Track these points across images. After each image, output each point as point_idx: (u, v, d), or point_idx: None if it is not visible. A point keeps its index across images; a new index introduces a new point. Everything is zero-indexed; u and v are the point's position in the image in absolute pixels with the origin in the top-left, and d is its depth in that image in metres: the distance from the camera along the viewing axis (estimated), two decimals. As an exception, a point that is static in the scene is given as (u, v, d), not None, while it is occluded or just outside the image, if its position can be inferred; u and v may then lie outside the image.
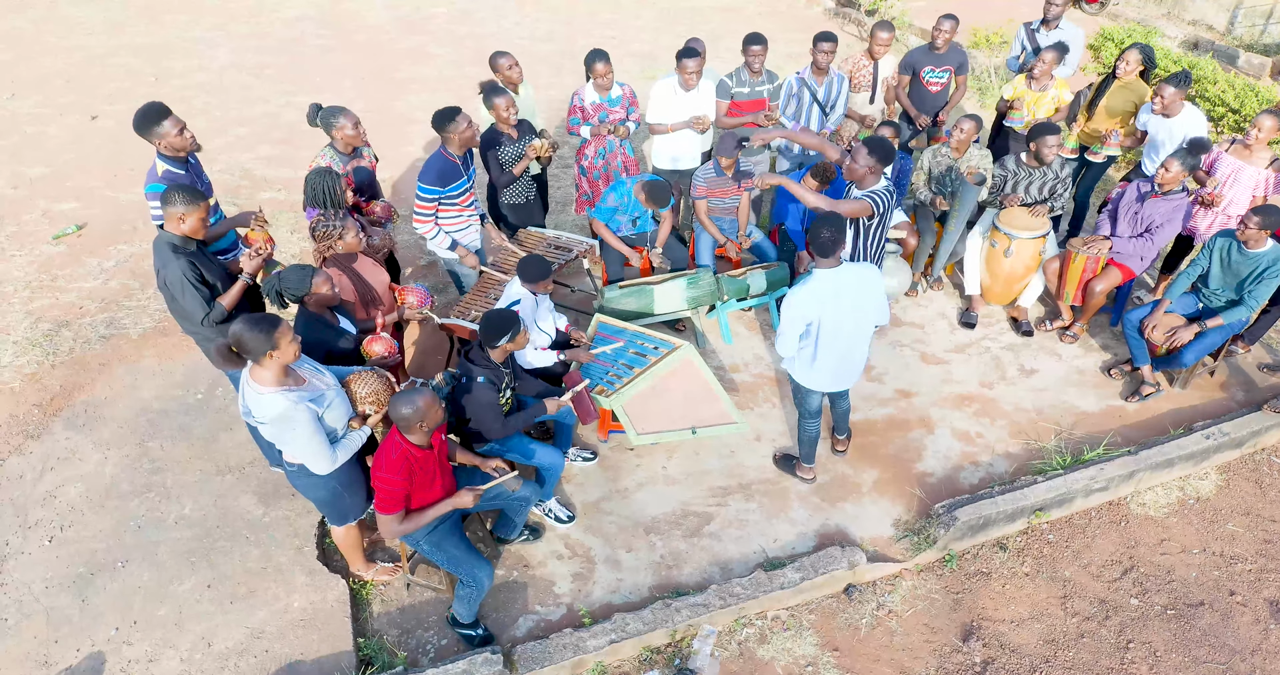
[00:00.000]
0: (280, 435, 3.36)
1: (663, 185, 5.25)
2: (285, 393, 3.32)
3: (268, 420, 3.32)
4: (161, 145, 4.12)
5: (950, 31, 6.20)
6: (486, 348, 3.96)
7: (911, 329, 6.00)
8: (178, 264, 3.68)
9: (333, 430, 3.47)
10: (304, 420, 3.30)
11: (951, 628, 4.23)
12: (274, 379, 3.32)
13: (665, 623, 3.96)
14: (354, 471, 3.69)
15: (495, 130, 5.33)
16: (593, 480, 4.83)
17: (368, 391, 3.59)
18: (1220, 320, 4.97)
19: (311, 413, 3.31)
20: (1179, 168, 5.06)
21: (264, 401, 3.31)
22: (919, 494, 4.81)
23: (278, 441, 3.42)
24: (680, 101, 5.80)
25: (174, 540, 4.35)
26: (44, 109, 8.93)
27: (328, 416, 3.40)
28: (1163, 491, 4.95)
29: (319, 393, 3.41)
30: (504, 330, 3.89)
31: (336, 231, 4.14)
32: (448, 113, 4.78)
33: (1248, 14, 10.91)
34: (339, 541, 4.06)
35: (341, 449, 3.52)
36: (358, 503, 3.80)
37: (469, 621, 3.90)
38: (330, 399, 3.43)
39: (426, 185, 4.85)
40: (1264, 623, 4.29)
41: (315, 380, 3.49)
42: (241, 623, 3.97)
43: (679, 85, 5.75)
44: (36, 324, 5.80)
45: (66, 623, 3.99)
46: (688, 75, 5.66)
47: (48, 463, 4.78)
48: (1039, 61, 5.98)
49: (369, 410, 3.60)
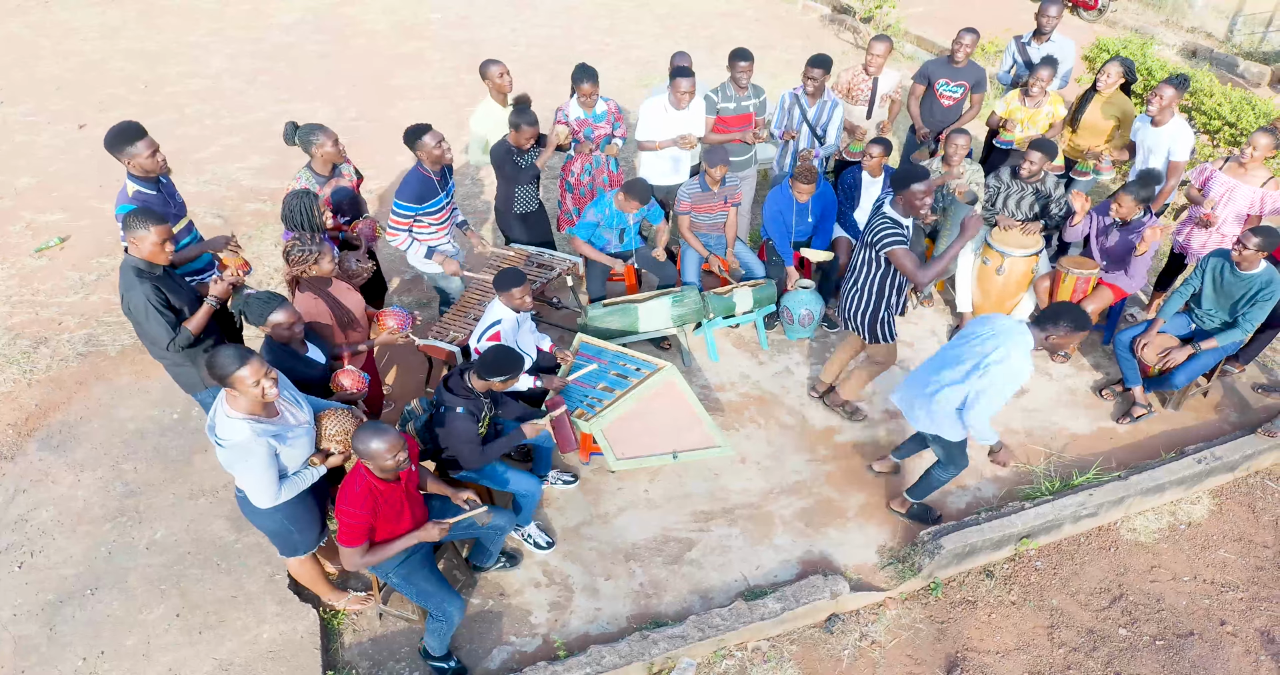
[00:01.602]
0: (233, 463, 3.32)
1: (641, 182, 5.18)
2: (252, 422, 3.26)
3: (226, 445, 3.28)
4: (130, 165, 4.05)
5: (971, 46, 6.07)
6: (475, 378, 3.87)
7: (900, 347, 5.91)
8: (141, 289, 3.61)
9: (285, 468, 3.40)
10: (260, 454, 3.24)
11: (935, 659, 4.15)
12: (246, 408, 3.27)
13: (642, 656, 3.88)
14: (303, 507, 3.59)
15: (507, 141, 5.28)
16: (573, 504, 4.75)
17: (337, 430, 3.52)
18: (1215, 342, 4.88)
19: (270, 449, 3.25)
20: (1131, 201, 5.00)
21: (229, 426, 3.27)
22: (905, 519, 4.72)
23: (229, 467, 3.37)
24: (670, 119, 5.71)
25: (144, 567, 4.29)
26: (35, 117, 8.87)
27: (286, 453, 3.34)
28: (1153, 516, 4.86)
29: (286, 428, 3.35)
30: (505, 370, 3.81)
31: (312, 256, 4.06)
32: (417, 130, 4.74)
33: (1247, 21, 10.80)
34: (295, 574, 3.98)
35: (288, 486, 3.44)
36: (308, 538, 3.71)
37: (441, 654, 3.83)
38: (296, 436, 3.37)
39: (403, 201, 4.80)
40: (1254, 654, 4.20)
41: (289, 414, 3.43)
42: (210, 654, 3.90)
43: (670, 103, 5.66)
44: (15, 341, 5.74)
45: (34, 652, 3.92)
46: (680, 94, 5.57)
47: (20, 485, 4.72)
48: (1035, 79, 5.87)
49: (333, 448, 3.53)
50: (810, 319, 5.71)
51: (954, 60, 6.18)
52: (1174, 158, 5.54)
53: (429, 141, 4.74)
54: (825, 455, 5.09)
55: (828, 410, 5.38)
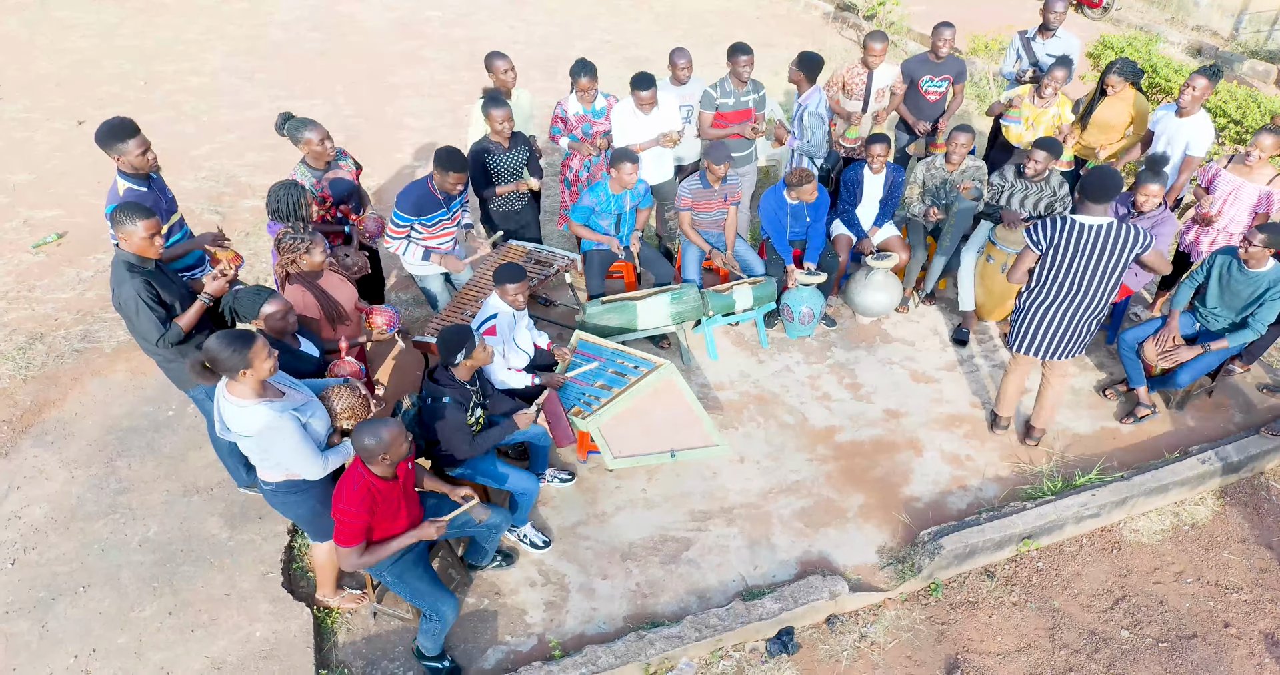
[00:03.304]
0: (267, 447, 3.28)
1: (626, 150, 5.12)
2: (268, 403, 3.26)
3: (252, 432, 3.25)
4: (121, 162, 4.01)
5: (950, 40, 6.07)
6: (448, 366, 3.85)
7: (902, 346, 5.87)
8: (132, 284, 3.58)
9: (318, 437, 3.41)
10: (290, 428, 3.24)
11: (935, 661, 4.10)
12: (253, 392, 3.25)
13: (638, 656, 3.84)
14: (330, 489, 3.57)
15: (487, 139, 5.22)
16: (570, 503, 4.71)
17: (343, 406, 3.54)
18: (1225, 343, 4.82)
19: (296, 420, 3.27)
20: (1156, 188, 4.90)
21: (245, 414, 3.25)
22: (905, 519, 4.68)
23: (264, 454, 3.33)
24: (642, 122, 5.61)
25: (137, 564, 4.25)
26: (32, 113, 8.84)
27: (312, 423, 3.36)
28: (1157, 517, 4.81)
29: (301, 403, 3.35)
30: (458, 345, 3.79)
31: (303, 246, 4.01)
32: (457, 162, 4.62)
33: (1252, 20, 10.73)
34: (317, 559, 3.96)
35: (334, 454, 3.46)
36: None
37: (435, 653, 3.78)
38: (312, 409, 3.38)
39: (403, 213, 4.72)
40: (1258, 656, 4.15)
41: (294, 393, 3.44)
42: (202, 652, 3.86)
43: (634, 108, 5.58)
44: (11, 337, 5.70)
45: (25, 649, 3.89)
46: (642, 104, 5.46)
47: (14, 482, 4.68)
48: (1049, 80, 5.81)
49: (346, 425, 3.55)
50: (811, 317, 5.66)
51: (935, 56, 6.16)
52: (1191, 152, 5.48)
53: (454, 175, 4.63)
54: (825, 455, 5.04)
55: (829, 412, 5.33)
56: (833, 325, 6.02)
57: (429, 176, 4.75)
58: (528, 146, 5.37)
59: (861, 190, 5.79)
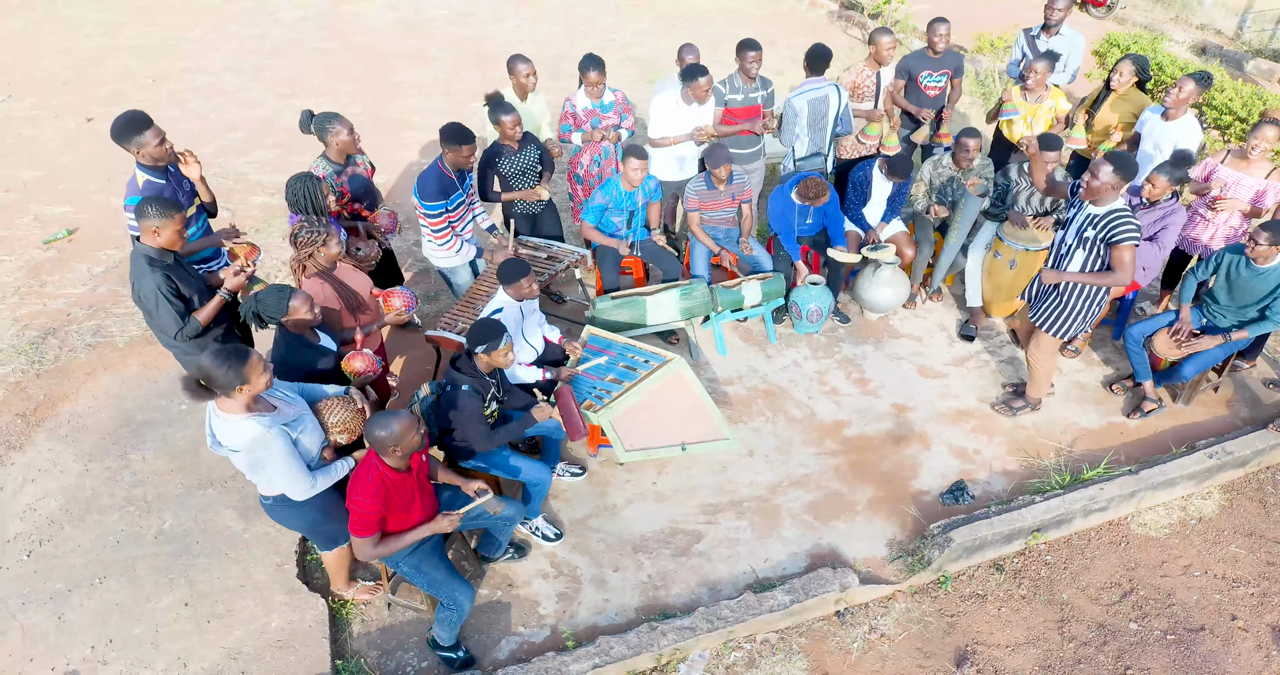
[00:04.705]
0: (256, 463, 3.26)
1: (634, 146, 5.16)
2: (256, 418, 3.23)
3: (241, 447, 3.23)
4: (140, 155, 4.05)
5: (947, 34, 6.11)
6: (471, 355, 3.88)
7: (909, 342, 5.90)
8: (152, 277, 3.61)
9: (309, 454, 3.38)
10: (279, 445, 3.21)
11: (945, 652, 4.13)
12: (242, 406, 3.23)
13: (650, 647, 3.87)
14: (331, 498, 3.57)
15: (497, 143, 5.24)
16: (581, 496, 4.74)
17: (336, 420, 3.51)
18: (1246, 333, 4.84)
19: (285, 436, 3.23)
20: (1165, 182, 4.91)
21: (234, 429, 3.22)
22: (914, 513, 4.71)
23: (252, 470, 3.31)
24: (684, 114, 5.65)
25: (153, 556, 4.28)
26: (39, 111, 8.88)
27: (303, 440, 3.32)
28: (1164, 511, 4.84)
29: (292, 417, 3.33)
30: (482, 338, 3.82)
31: (320, 238, 4.05)
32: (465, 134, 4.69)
33: (1257, 18, 10.75)
34: (326, 561, 3.99)
35: (322, 475, 3.42)
36: (344, 527, 3.71)
37: (450, 644, 3.82)
38: (301, 424, 3.35)
39: (430, 202, 4.74)
40: (1266, 649, 4.18)
41: (285, 408, 3.40)
42: (218, 642, 3.89)
43: (682, 99, 5.59)
44: (23, 331, 5.74)
45: (43, 640, 3.92)
46: (701, 92, 5.46)
47: (29, 474, 4.71)
48: (1030, 72, 5.85)
49: (340, 440, 3.53)
50: (819, 315, 5.69)
51: (933, 51, 6.19)
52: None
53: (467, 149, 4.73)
54: (833, 449, 5.07)
55: (837, 406, 5.36)
56: (846, 321, 6.03)
57: (437, 160, 4.79)
58: (537, 145, 5.39)
59: (870, 189, 5.81)
